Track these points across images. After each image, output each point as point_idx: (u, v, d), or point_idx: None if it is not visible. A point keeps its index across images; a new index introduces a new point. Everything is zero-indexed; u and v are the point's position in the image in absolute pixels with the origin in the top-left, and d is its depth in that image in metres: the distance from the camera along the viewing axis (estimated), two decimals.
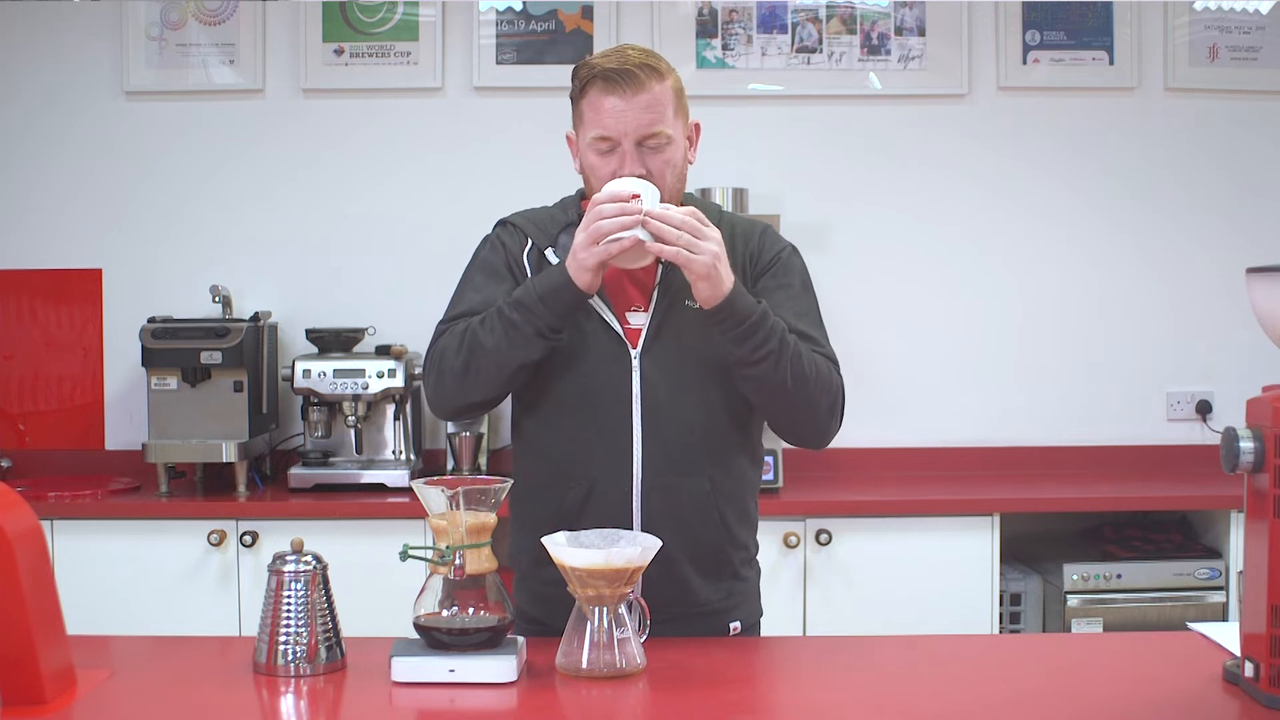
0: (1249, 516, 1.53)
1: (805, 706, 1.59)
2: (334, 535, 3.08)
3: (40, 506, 2.87)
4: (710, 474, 1.92)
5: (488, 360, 1.85)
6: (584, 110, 1.90)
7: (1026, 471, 3.69)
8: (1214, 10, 3.75)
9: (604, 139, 1.88)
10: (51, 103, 3.70)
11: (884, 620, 3.08)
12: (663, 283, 1.93)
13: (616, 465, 1.89)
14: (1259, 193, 3.76)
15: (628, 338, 1.91)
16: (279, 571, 1.66)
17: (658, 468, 1.89)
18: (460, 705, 1.56)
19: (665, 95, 1.89)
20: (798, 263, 2.02)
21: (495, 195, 3.66)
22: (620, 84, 1.85)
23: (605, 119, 1.87)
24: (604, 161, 1.89)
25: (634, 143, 1.87)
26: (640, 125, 1.86)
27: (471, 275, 2.00)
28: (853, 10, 3.72)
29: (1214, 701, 1.54)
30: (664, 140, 1.89)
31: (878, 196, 3.74)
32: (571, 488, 1.91)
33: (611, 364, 1.90)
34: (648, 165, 1.88)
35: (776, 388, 1.85)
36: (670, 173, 1.91)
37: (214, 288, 3.57)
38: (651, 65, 1.89)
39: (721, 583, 1.95)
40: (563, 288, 1.81)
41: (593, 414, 1.91)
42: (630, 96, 1.85)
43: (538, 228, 2.00)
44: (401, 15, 3.69)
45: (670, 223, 1.76)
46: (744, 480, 2.00)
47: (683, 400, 1.91)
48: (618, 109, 1.86)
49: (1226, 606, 3.25)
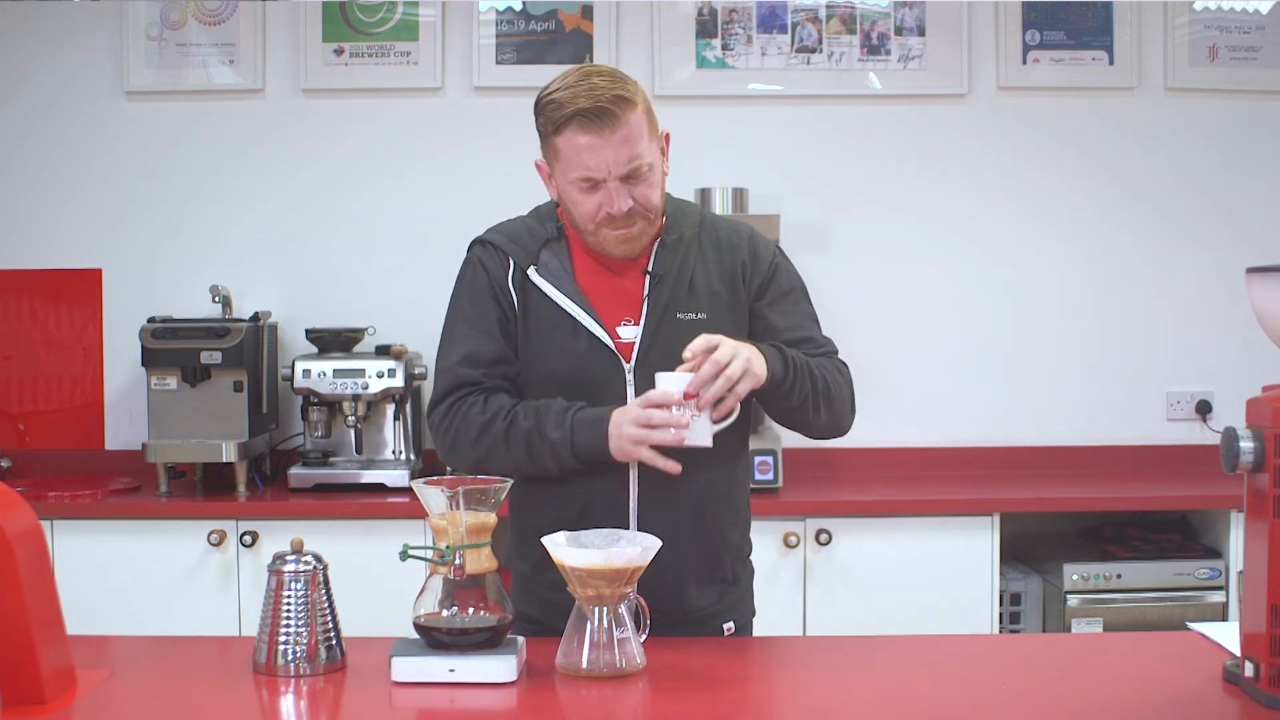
0: (1249, 516, 1.53)
1: (805, 706, 1.59)
2: (334, 535, 3.08)
3: (40, 506, 2.87)
4: (705, 480, 1.93)
5: (504, 464, 1.88)
6: (559, 147, 1.86)
7: (1026, 471, 3.69)
8: (1214, 10, 3.75)
9: (588, 179, 1.86)
10: (51, 103, 3.70)
11: (884, 620, 3.08)
12: (651, 295, 1.93)
13: (613, 477, 1.90)
14: (1259, 193, 3.76)
15: (620, 351, 1.91)
16: (279, 571, 1.66)
17: (654, 478, 1.89)
18: (460, 705, 1.56)
19: (640, 123, 1.86)
20: (789, 266, 2.05)
21: (495, 195, 3.66)
22: (597, 123, 1.82)
23: (586, 159, 1.84)
24: (588, 199, 1.88)
25: (619, 178, 1.85)
26: (621, 161, 1.84)
27: (460, 310, 1.98)
28: (853, 10, 3.72)
29: (1214, 701, 1.54)
30: (645, 169, 1.87)
31: (878, 196, 3.74)
32: (569, 499, 1.91)
33: (607, 378, 1.91)
34: (633, 196, 1.87)
35: (811, 417, 1.92)
36: (655, 196, 1.90)
37: (214, 288, 3.57)
38: (623, 96, 1.84)
39: (714, 586, 1.96)
40: (599, 451, 1.84)
41: None
42: (609, 135, 1.83)
43: (518, 245, 1.97)
44: (401, 15, 3.69)
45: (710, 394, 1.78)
46: (736, 482, 2.02)
47: None
48: (596, 147, 1.83)
49: (1226, 606, 3.25)
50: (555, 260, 1.95)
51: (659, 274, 1.93)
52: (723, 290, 1.97)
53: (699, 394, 1.77)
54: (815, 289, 2.09)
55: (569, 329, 1.91)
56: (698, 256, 1.97)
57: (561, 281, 1.93)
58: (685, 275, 1.94)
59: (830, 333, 2.02)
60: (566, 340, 1.91)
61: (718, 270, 1.97)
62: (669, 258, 1.95)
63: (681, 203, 2.04)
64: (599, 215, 1.87)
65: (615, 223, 1.88)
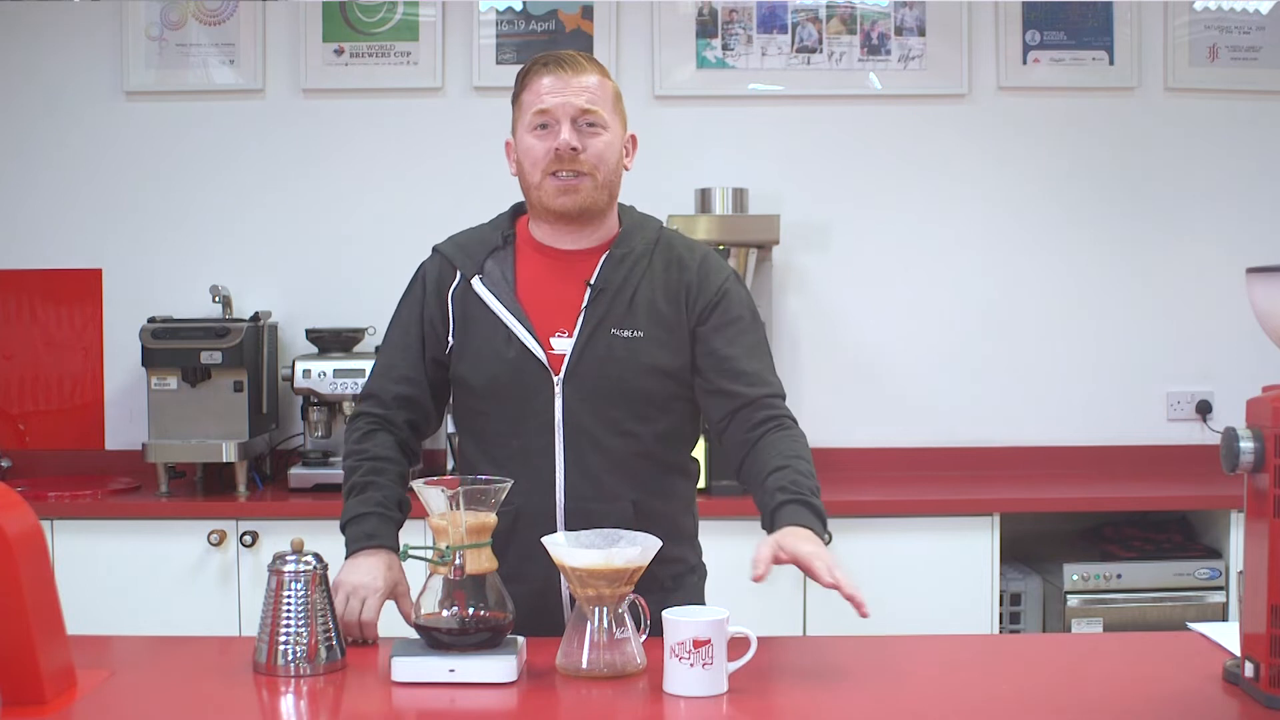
0: (1249, 516, 1.53)
1: (805, 706, 1.59)
2: (334, 535, 3.05)
3: (40, 506, 2.87)
4: (634, 499, 1.91)
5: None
6: (523, 99, 1.93)
7: (1026, 471, 3.69)
8: (1214, 10, 3.75)
9: (542, 112, 1.89)
10: (51, 103, 3.70)
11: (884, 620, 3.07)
12: (589, 308, 1.91)
13: (540, 492, 1.90)
14: (1259, 193, 3.76)
15: (550, 363, 1.90)
16: (279, 571, 1.66)
17: (580, 494, 1.89)
18: (460, 705, 1.56)
19: (606, 89, 1.93)
20: (743, 294, 2.00)
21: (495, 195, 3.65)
22: (561, 65, 1.90)
23: (544, 96, 1.89)
24: (540, 140, 1.90)
25: (570, 118, 1.88)
26: (577, 103, 1.88)
27: (397, 316, 2.05)
28: (853, 10, 3.72)
29: (1214, 701, 1.54)
30: (601, 124, 1.90)
31: (878, 196, 3.74)
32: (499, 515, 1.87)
33: (534, 390, 1.90)
34: (585, 143, 1.89)
35: None
36: (608, 156, 1.91)
37: (214, 288, 3.57)
38: (592, 59, 1.94)
39: (654, 595, 1.81)
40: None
41: (517, 440, 1.92)
42: (569, 78, 1.89)
43: (466, 254, 1.99)
44: (401, 15, 3.69)
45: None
46: (674, 497, 2.00)
47: (604, 428, 1.90)
48: (556, 89, 1.89)
49: (1226, 606, 3.25)
50: (498, 270, 1.96)
51: (600, 287, 1.91)
52: (666, 309, 1.93)
53: (711, 640, 1.57)
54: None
55: (503, 337, 1.91)
56: (645, 272, 1.94)
57: (501, 291, 1.94)
58: (628, 291, 1.92)
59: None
60: (500, 348, 1.91)
61: (664, 289, 1.94)
62: (614, 271, 1.93)
63: (644, 217, 2.03)
64: (547, 156, 1.89)
65: (562, 165, 1.89)
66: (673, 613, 1.58)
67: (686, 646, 1.54)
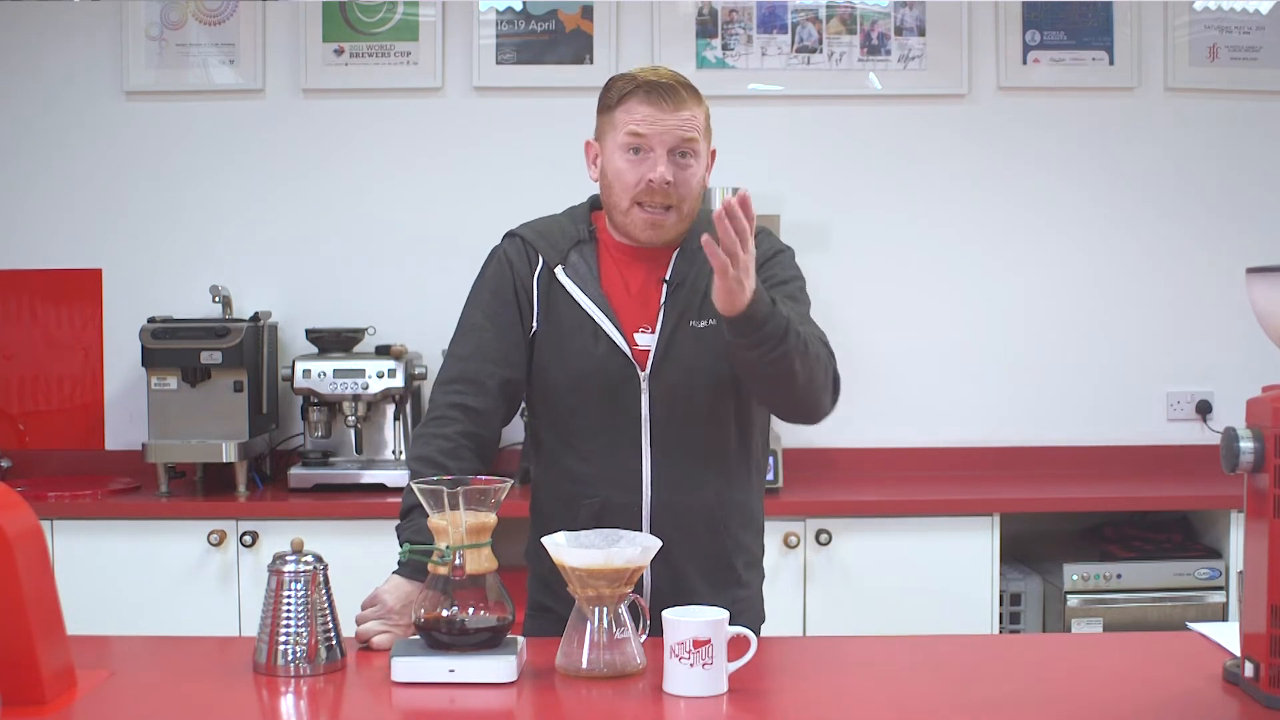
0: (1249, 516, 1.53)
1: (805, 706, 1.59)
2: (334, 535, 3.07)
3: (40, 506, 2.87)
4: (717, 488, 1.95)
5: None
6: (618, 116, 1.92)
7: (1026, 471, 3.69)
8: (1214, 10, 3.75)
9: (637, 135, 1.89)
10: (51, 103, 3.70)
11: (884, 620, 3.08)
12: (668, 303, 1.95)
13: (626, 484, 1.93)
14: (1259, 193, 3.76)
15: (636, 359, 1.93)
16: (279, 571, 1.66)
17: (666, 486, 1.92)
18: (460, 705, 1.56)
19: (700, 117, 1.95)
20: (791, 259, 2.05)
21: (495, 195, 3.68)
22: (663, 96, 1.90)
23: (641, 124, 1.89)
24: (632, 167, 1.91)
25: (666, 149, 1.89)
26: (674, 135, 1.90)
27: (474, 309, 1.99)
28: (853, 10, 3.72)
29: (1214, 701, 1.54)
30: (693, 154, 1.92)
31: (878, 197, 3.74)
32: (583, 506, 1.93)
33: (621, 385, 1.93)
34: (676, 175, 1.90)
35: (784, 381, 1.84)
36: (695, 186, 1.94)
37: (214, 288, 3.57)
38: (690, 85, 1.95)
39: (727, 590, 1.97)
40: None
41: (604, 434, 1.94)
42: (668, 109, 1.90)
43: (548, 242, 1.99)
44: (401, 15, 3.69)
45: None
46: (749, 488, 2.03)
47: (690, 420, 1.94)
48: (654, 118, 1.89)
49: (1226, 606, 3.25)
50: (583, 262, 1.97)
51: (676, 282, 1.95)
52: None
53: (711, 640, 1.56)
54: (815, 289, 2.08)
55: (590, 332, 1.93)
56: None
57: (587, 284, 1.96)
58: (700, 282, 1.95)
59: (830, 332, 2.01)
60: (587, 343, 1.93)
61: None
62: (686, 266, 1.97)
63: (707, 209, 2.06)
64: (639, 185, 1.90)
65: (652, 198, 1.90)
66: (673, 613, 1.59)
67: (686, 646, 1.55)
